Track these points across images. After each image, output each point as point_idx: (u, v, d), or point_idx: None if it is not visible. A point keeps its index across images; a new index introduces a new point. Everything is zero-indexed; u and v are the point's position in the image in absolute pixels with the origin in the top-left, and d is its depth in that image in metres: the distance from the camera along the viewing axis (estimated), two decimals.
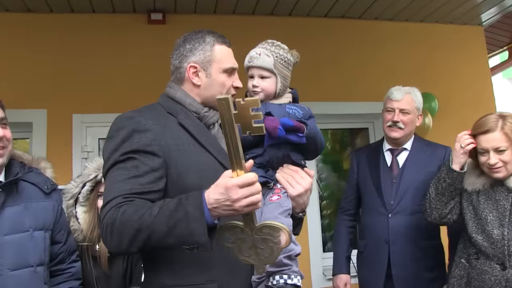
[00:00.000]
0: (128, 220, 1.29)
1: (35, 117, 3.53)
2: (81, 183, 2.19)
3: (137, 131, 1.43)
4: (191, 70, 1.61)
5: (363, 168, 2.82)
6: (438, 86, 4.14)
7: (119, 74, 3.67)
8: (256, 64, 1.67)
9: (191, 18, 3.81)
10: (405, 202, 2.60)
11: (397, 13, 4.14)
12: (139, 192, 1.37)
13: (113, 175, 1.42)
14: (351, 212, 2.87)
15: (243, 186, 1.23)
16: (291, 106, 1.70)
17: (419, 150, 2.69)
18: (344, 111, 4.10)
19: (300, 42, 3.95)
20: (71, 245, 1.98)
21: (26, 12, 3.62)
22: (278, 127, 1.52)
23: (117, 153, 1.42)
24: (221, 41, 1.64)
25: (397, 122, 2.63)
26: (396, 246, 2.56)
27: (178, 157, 1.47)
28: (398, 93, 2.66)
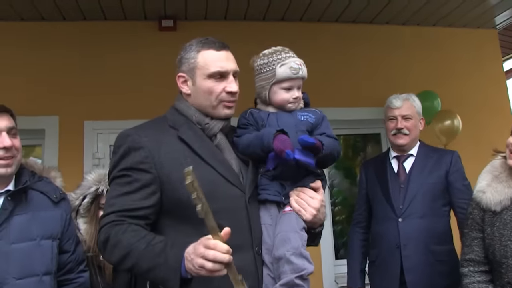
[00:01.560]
0: (118, 245, 1.40)
1: (47, 124, 3.56)
2: (81, 196, 2.19)
3: (132, 149, 1.50)
4: (180, 79, 1.62)
5: (371, 179, 2.82)
6: (452, 90, 4.08)
7: (130, 81, 3.68)
8: (301, 75, 1.64)
9: (202, 25, 3.81)
10: (414, 206, 2.57)
11: (409, 17, 4.10)
12: (131, 208, 1.45)
13: (112, 190, 1.53)
14: (363, 224, 2.85)
15: (204, 247, 1.25)
16: (303, 112, 1.67)
17: (425, 155, 2.70)
18: (356, 117, 4.07)
19: (311, 47, 3.99)
20: (80, 255, 1.97)
21: (39, 20, 3.66)
22: (285, 150, 1.47)
23: (116, 169, 1.52)
24: (208, 46, 1.59)
25: (401, 129, 2.66)
26: (408, 251, 2.53)
27: (173, 172, 1.48)
28: (397, 100, 2.70)
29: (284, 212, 1.57)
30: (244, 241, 1.51)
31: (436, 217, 2.57)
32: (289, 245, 1.48)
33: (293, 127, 1.60)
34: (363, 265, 2.80)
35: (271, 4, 3.70)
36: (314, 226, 1.61)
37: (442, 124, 3.78)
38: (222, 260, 1.24)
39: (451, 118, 3.77)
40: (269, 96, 1.67)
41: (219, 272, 1.26)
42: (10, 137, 1.78)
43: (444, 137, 3.77)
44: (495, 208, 1.90)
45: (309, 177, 1.62)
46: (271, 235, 1.55)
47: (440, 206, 2.60)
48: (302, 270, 1.46)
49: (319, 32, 4.07)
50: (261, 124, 1.64)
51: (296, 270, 1.45)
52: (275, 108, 1.68)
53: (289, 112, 1.66)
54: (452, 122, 3.77)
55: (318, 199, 1.57)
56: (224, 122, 1.64)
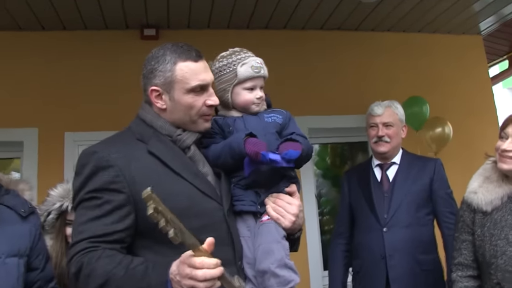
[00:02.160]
0: (92, 275, 1.26)
1: (26, 136, 3.47)
2: (45, 212, 2.10)
3: (100, 168, 1.36)
4: (154, 93, 1.48)
5: (354, 188, 2.77)
6: (438, 96, 4.07)
7: (112, 91, 3.61)
8: (263, 74, 1.59)
9: (185, 34, 3.76)
10: (399, 215, 2.54)
11: (394, 24, 4.09)
12: (104, 233, 1.31)
13: (79, 214, 1.38)
14: (345, 235, 2.79)
15: (189, 266, 1.17)
16: (269, 113, 1.61)
17: (408, 163, 2.67)
18: (342, 125, 4.03)
19: (296, 55, 3.96)
20: (49, 272, 1.87)
21: (17, 30, 3.58)
22: (260, 152, 1.40)
23: (82, 191, 1.37)
24: (185, 56, 1.46)
25: (382, 137, 2.63)
26: (393, 261, 2.48)
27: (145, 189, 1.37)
28: (378, 108, 2.67)
29: (262, 221, 1.50)
30: (227, 256, 1.42)
31: (421, 226, 2.54)
32: (272, 257, 1.42)
33: (261, 129, 1.54)
34: (345, 277, 2.76)
35: (254, 12, 3.67)
36: (293, 232, 1.55)
37: (433, 132, 3.74)
38: (213, 276, 1.17)
39: (442, 125, 3.75)
40: (232, 98, 1.60)
41: (214, 287, 1.19)
42: None
43: (434, 145, 3.74)
44: (486, 208, 1.90)
45: (283, 182, 1.56)
46: (251, 248, 1.48)
47: (425, 214, 2.57)
48: (289, 282, 1.41)
49: (304, 40, 4.04)
50: (228, 131, 1.56)
51: (283, 282, 1.40)
52: (239, 112, 1.61)
53: (255, 115, 1.60)
54: (443, 130, 3.74)
55: (296, 204, 1.52)
56: (198, 134, 1.54)
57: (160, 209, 1.09)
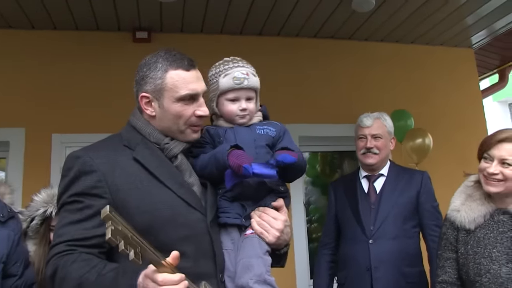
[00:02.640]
0: (67, 277, 1.26)
1: (12, 136, 3.42)
2: (29, 217, 2.06)
3: (83, 173, 1.36)
4: (144, 100, 1.47)
5: (340, 198, 2.76)
6: (429, 108, 4.09)
7: (102, 94, 3.57)
8: (247, 85, 1.54)
9: (177, 37, 3.74)
10: (386, 227, 2.53)
11: (387, 34, 4.10)
12: (83, 237, 1.31)
13: (61, 217, 1.39)
14: (331, 245, 2.78)
15: (153, 281, 1.15)
16: (261, 126, 1.58)
17: (396, 175, 2.67)
18: (333, 133, 4.01)
19: (288, 63, 3.95)
20: (29, 278, 1.83)
21: (6, 28, 3.52)
22: (243, 165, 1.37)
23: (65, 194, 1.37)
24: (176, 65, 1.45)
25: (371, 148, 2.63)
26: (378, 273, 2.47)
27: (127, 196, 1.36)
28: (367, 119, 2.67)
29: (246, 235, 1.48)
30: (208, 268, 1.41)
31: (407, 238, 2.53)
32: (251, 272, 1.39)
33: (251, 142, 1.52)
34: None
35: (248, 18, 3.65)
36: (278, 247, 1.52)
37: (414, 143, 3.75)
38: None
39: (423, 136, 3.75)
40: (218, 109, 1.59)
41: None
42: None
43: (415, 155, 3.75)
44: (469, 226, 1.91)
45: (271, 196, 1.53)
46: (233, 261, 1.45)
47: (411, 227, 2.57)
48: None
49: (297, 47, 4.03)
50: (218, 141, 1.54)
51: None
52: (229, 123, 1.59)
53: (247, 127, 1.57)
54: (423, 141, 3.75)
55: (281, 220, 1.48)
56: (186, 143, 1.53)
57: (120, 228, 1.06)
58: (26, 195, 3.21)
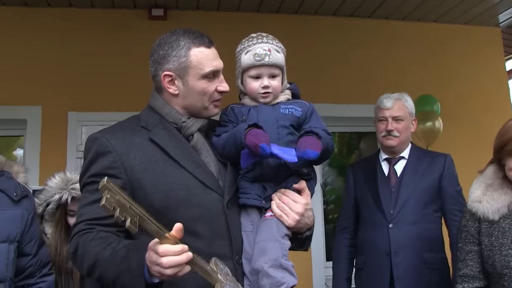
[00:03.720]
0: (85, 254, 1.32)
1: (30, 114, 3.43)
2: (44, 203, 2.08)
3: (100, 154, 1.40)
4: (166, 79, 1.47)
5: (360, 182, 2.70)
6: (451, 89, 3.97)
7: (117, 72, 3.54)
8: (268, 62, 1.49)
9: (194, 14, 3.68)
10: (406, 211, 2.47)
11: (409, 13, 3.97)
12: (101, 217, 1.34)
13: (82, 197, 1.44)
14: (350, 229, 2.73)
15: (155, 252, 1.17)
16: (287, 105, 1.52)
17: (417, 158, 2.59)
18: (351, 114, 3.94)
19: (306, 41, 3.86)
20: (43, 258, 1.83)
21: (22, 6, 3.50)
22: (259, 144, 1.32)
23: (85, 176, 1.42)
24: (198, 42, 1.46)
25: (392, 131, 2.55)
26: (398, 258, 2.42)
27: (143, 177, 1.38)
28: (388, 101, 2.59)
29: (265, 217, 1.44)
30: (223, 250, 1.40)
31: (428, 223, 2.47)
32: (267, 256, 1.36)
33: (274, 121, 1.47)
34: (350, 273, 2.70)
35: None
36: (299, 231, 1.49)
37: (423, 126, 3.62)
38: (178, 263, 1.16)
39: (432, 119, 3.63)
40: (243, 86, 1.57)
41: (182, 272, 1.18)
42: None
43: (424, 139, 3.64)
44: (493, 217, 1.82)
45: (293, 178, 1.48)
46: (251, 243, 1.42)
47: (432, 211, 2.50)
48: (281, 284, 1.34)
49: (315, 26, 3.93)
50: (241, 120, 1.51)
51: (275, 284, 1.33)
52: (254, 101, 1.55)
53: (272, 106, 1.52)
54: (433, 124, 3.62)
55: (302, 203, 1.45)
56: (203, 120, 1.52)
57: (117, 198, 1.09)
58: (43, 172, 3.26)
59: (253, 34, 1.56)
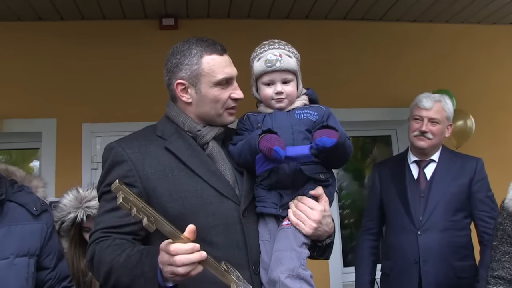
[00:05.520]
0: (101, 261, 1.33)
1: (45, 127, 3.47)
2: (59, 220, 2.11)
3: (116, 163, 1.42)
4: (179, 87, 1.49)
5: (386, 183, 2.60)
6: (467, 89, 3.92)
7: (130, 82, 3.57)
8: (279, 67, 1.48)
9: (204, 23, 3.69)
10: (436, 218, 2.38)
11: (420, 14, 3.93)
12: (117, 225, 1.37)
13: (100, 206, 1.46)
14: (374, 231, 2.65)
15: (167, 253, 1.18)
16: (302, 110, 1.50)
17: (448, 161, 2.50)
18: (364, 118, 3.91)
19: (317, 46, 3.85)
20: (62, 271, 1.83)
21: (36, 20, 3.56)
22: (273, 147, 1.31)
23: (102, 185, 1.45)
24: (210, 50, 1.47)
25: (425, 133, 2.46)
26: (427, 266, 2.34)
27: (158, 185, 1.38)
28: (427, 101, 2.48)
29: (282, 226, 1.42)
30: (239, 259, 1.38)
31: (458, 230, 2.39)
32: (283, 266, 1.33)
33: (288, 127, 1.45)
34: (373, 275, 2.63)
35: (275, 1, 3.56)
36: (320, 239, 1.46)
37: (454, 125, 3.58)
38: (191, 261, 1.16)
39: (464, 118, 3.58)
40: (258, 93, 1.57)
41: (195, 271, 1.18)
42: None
43: (455, 139, 3.59)
44: None
45: (310, 184, 1.46)
46: (269, 253, 1.40)
47: (462, 218, 2.42)
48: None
49: (326, 30, 3.92)
50: (257, 127, 1.50)
51: None
52: (269, 108, 1.54)
53: (286, 112, 1.51)
54: (465, 123, 3.57)
55: (319, 210, 1.41)
56: (218, 129, 1.52)
57: (130, 199, 1.10)
58: (59, 184, 3.29)
59: (265, 41, 1.55)
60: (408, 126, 2.57)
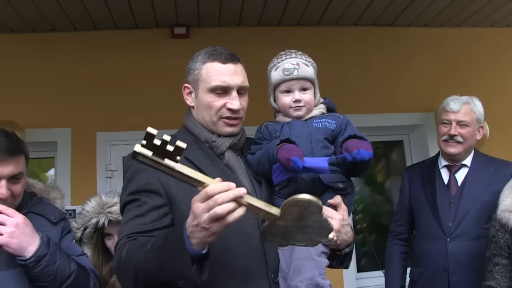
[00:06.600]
0: (129, 260, 1.29)
1: (60, 136, 3.50)
2: (82, 227, 2.15)
3: (137, 171, 1.43)
4: (185, 90, 1.57)
5: (416, 188, 2.55)
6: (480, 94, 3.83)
7: (143, 91, 3.60)
8: (297, 76, 1.51)
9: (216, 31, 3.71)
10: (466, 225, 2.31)
11: (431, 19, 3.91)
12: (142, 231, 1.35)
13: (124, 216, 1.45)
14: (403, 236, 2.62)
15: (202, 200, 1.13)
16: (320, 118, 1.52)
17: (481, 166, 2.42)
18: (376, 124, 3.89)
19: (328, 52, 3.85)
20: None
21: (50, 31, 3.61)
22: (291, 158, 1.31)
23: (124, 194, 1.46)
24: (214, 57, 1.50)
25: (455, 136, 2.40)
26: (456, 276, 2.28)
27: (178, 192, 1.39)
28: (455, 103, 2.43)
29: None
30: (258, 268, 1.39)
31: None
32: (302, 275, 1.34)
33: (307, 136, 1.47)
34: (403, 281, 2.58)
35: (286, 8, 3.57)
36: (339, 248, 1.46)
37: None
38: (230, 197, 1.11)
39: None
40: (276, 102, 1.59)
41: (237, 213, 1.13)
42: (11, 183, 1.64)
43: None
44: None
45: (328, 193, 1.46)
46: (288, 262, 1.41)
47: None
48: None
49: (336, 36, 3.92)
50: (275, 136, 1.52)
51: None
52: (287, 117, 1.56)
53: (304, 121, 1.53)
54: None
55: (337, 219, 1.41)
56: (233, 139, 1.53)
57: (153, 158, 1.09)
58: (74, 192, 3.32)
59: (282, 52, 1.58)
60: (437, 131, 2.53)
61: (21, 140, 1.72)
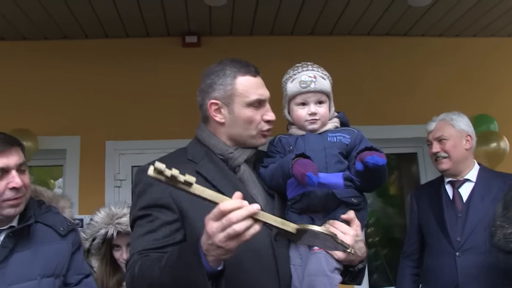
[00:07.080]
0: (142, 276, 1.26)
1: (69, 144, 3.49)
2: (90, 237, 2.13)
3: (148, 185, 1.39)
4: (213, 107, 1.49)
5: (424, 206, 2.56)
6: (496, 105, 3.80)
7: (153, 100, 3.58)
8: (314, 89, 1.48)
9: (227, 40, 3.69)
10: (475, 239, 2.29)
11: (447, 29, 3.86)
12: (155, 247, 1.32)
13: (134, 232, 1.42)
14: (415, 257, 2.60)
15: (216, 219, 1.11)
16: (335, 133, 1.49)
17: (487, 181, 2.42)
18: (389, 135, 3.81)
19: (341, 62, 3.80)
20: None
21: (62, 39, 3.61)
22: (306, 173, 1.28)
23: (135, 209, 1.42)
24: (244, 71, 1.48)
25: (438, 153, 2.46)
26: None
27: (190, 208, 1.35)
28: (430, 123, 2.55)
29: (313, 250, 1.38)
30: (270, 284, 1.35)
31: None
32: None
33: (321, 150, 1.44)
34: None
35: (299, 17, 3.55)
36: (352, 263, 1.41)
37: (488, 147, 3.43)
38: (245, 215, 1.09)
39: (497, 140, 3.45)
40: (291, 115, 1.56)
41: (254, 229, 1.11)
42: (19, 174, 1.66)
43: (487, 161, 3.44)
44: None
45: (342, 208, 1.42)
46: (300, 278, 1.37)
47: None
48: None
49: (350, 46, 3.88)
50: (289, 150, 1.49)
51: None
52: (301, 130, 1.53)
53: (319, 134, 1.49)
54: (498, 145, 3.44)
55: (351, 235, 1.37)
56: (250, 151, 1.50)
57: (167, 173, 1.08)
58: (82, 201, 3.30)
59: (298, 64, 1.56)
60: None
61: None
